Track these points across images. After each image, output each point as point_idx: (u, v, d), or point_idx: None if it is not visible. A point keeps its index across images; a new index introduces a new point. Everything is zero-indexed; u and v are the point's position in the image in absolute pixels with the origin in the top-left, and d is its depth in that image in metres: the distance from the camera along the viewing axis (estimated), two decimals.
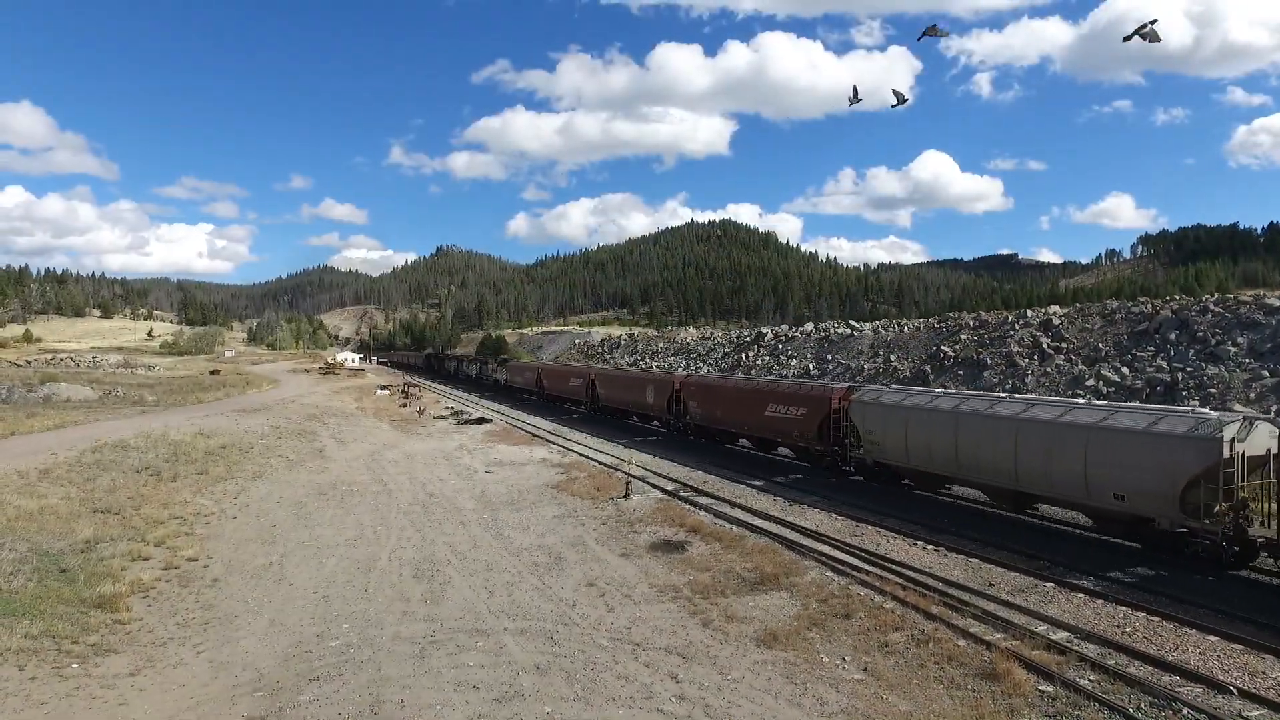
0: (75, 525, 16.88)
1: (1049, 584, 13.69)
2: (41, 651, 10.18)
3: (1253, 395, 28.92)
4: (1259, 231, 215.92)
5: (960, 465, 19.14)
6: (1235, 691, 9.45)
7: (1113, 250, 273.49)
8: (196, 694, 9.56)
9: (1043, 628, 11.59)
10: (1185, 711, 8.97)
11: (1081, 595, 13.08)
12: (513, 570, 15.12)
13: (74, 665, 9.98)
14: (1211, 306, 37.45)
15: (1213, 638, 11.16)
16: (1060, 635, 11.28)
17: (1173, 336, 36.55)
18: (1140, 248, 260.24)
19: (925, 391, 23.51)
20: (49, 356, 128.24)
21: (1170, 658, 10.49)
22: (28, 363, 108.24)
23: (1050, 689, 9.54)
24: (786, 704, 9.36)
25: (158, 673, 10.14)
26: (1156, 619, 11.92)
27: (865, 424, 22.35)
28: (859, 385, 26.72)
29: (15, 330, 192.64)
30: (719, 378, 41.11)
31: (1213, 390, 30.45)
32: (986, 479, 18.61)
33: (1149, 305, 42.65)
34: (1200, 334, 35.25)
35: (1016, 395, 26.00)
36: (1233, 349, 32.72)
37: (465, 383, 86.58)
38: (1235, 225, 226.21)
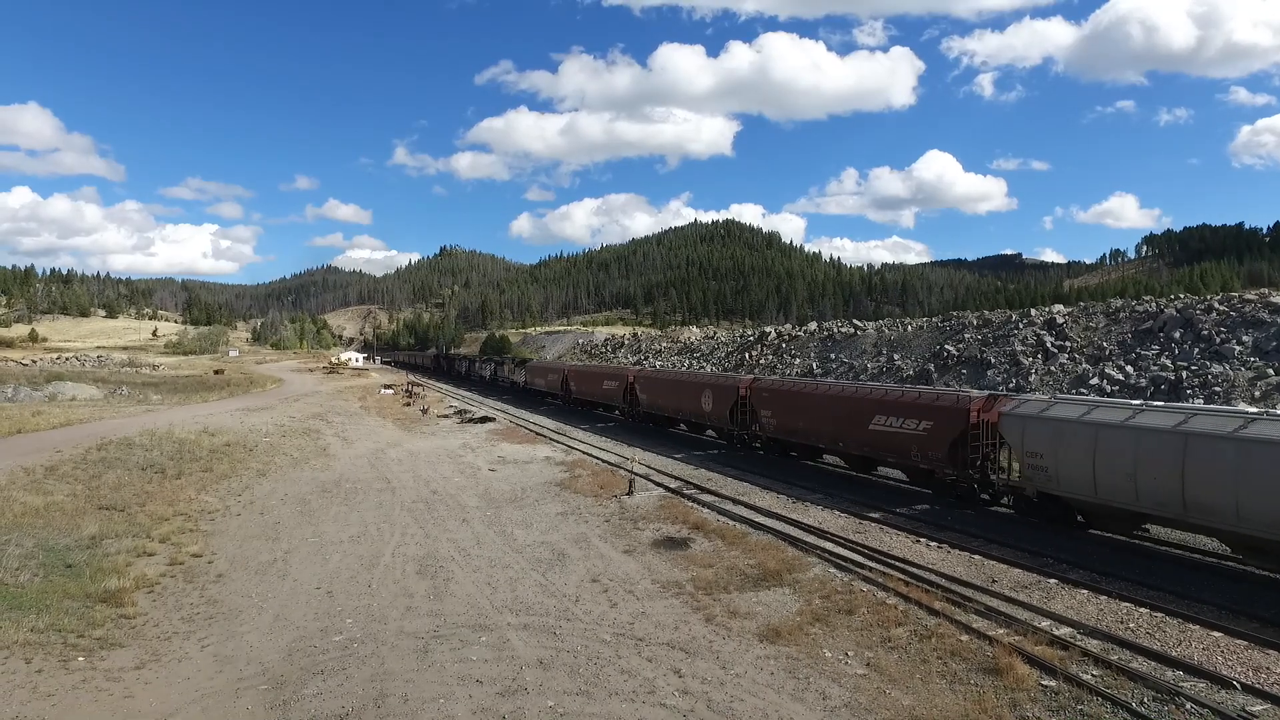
0: (81, 521, 16.96)
1: (1052, 580, 13.68)
2: (48, 645, 10.24)
3: (1258, 393, 28.84)
4: (1264, 231, 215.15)
5: (1190, 505, 14.04)
6: (1239, 686, 9.44)
7: (1117, 250, 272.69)
8: (201, 687, 9.61)
9: (1045, 623, 11.58)
10: (1189, 706, 8.95)
11: (1084, 591, 13.07)
12: (516, 566, 15.16)
13: (80, 659, 10.04)
14: (1216, 305, 37.36)
15: (1216, 634, 11.14)
16: (1063, 631, 11.27)
17: (1177, 335, 36.47)
18: (1145, 248, 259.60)
19: (1115, 403, 18.02)
20: (54, 356, 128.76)
21: (1174, 653, 10.48)
22: (33, 362, 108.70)
23: (1053, 684, 9.53)
24: (789, 698, 9.37)
25: (163, 666, 10.20)
26: (1160, 615, 11.90)
27: (1026, 443, 17.60)
28: (1006, 394, 22.80)
29: (21, 330, 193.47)
30: (801, 382, 32.69)
31: (1217, 389, 30.38)
32: (1245, 527, 13.36)
33: (1153, 304, 42.57)
34: (1205, 332, 35.17)
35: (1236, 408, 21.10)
36: (1238, 347, 32.65)
37: (478, 385, 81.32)
38: (1240, 225, 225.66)
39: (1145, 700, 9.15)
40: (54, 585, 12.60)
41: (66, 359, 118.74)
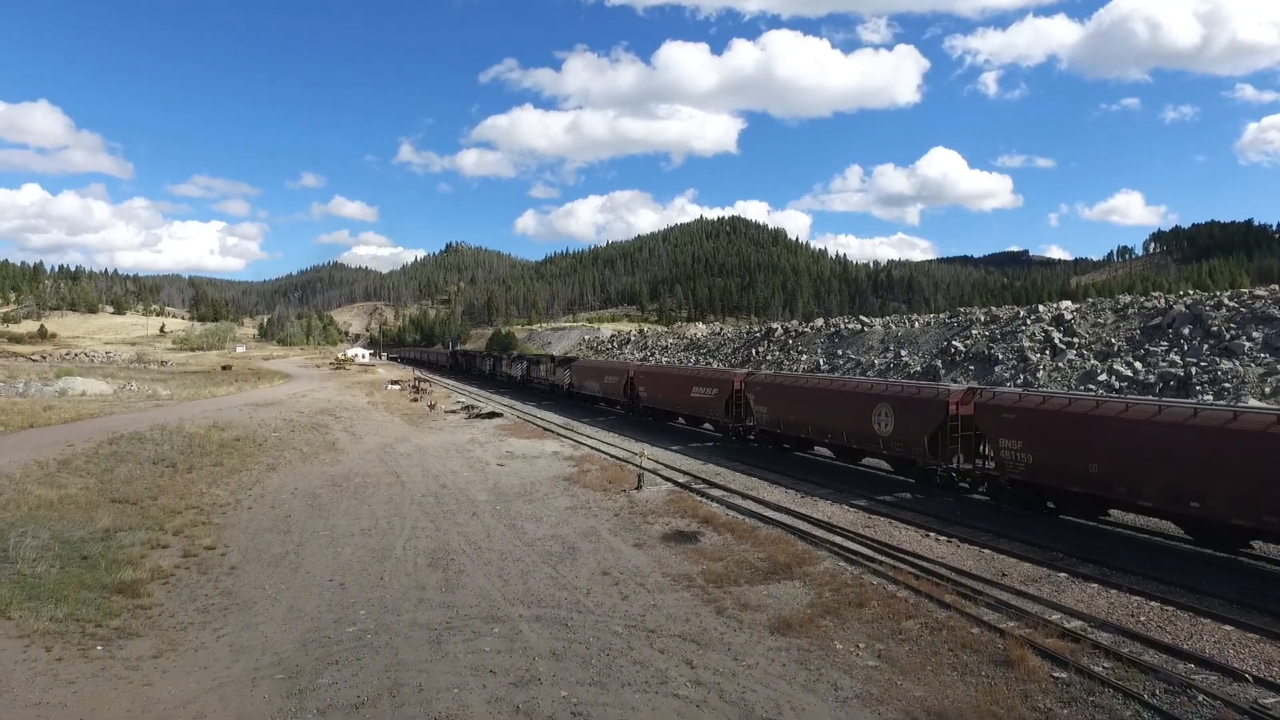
0: (95, 514, 17.10)
1: (1062, 574, 13.69)
2: (67, 634, 10.36)
3: (1268, 390, 28.74)
4: (1274, 228, 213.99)
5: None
6: (1251, 679, 9.45)
7: (1125, 247, 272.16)
8: (219, 675, 9.70)
9: (1056, 616, 11.60)
10: (1201, 699, 8.97)
11: (1095, 585, 13.08)
12: (527, 560, 15.23)
13: (99, 647, 10.15)
14: (1226, 301, 37.22)
15: (1228, 627, 11.15)
16: (1074, 624, 11.30)
17: (1186, 331, 36.34)
18: (1153, 244, 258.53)
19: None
20: (64, 352, 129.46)
21: (1185, 646, 10.49)
22: (43, 357, 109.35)
23: (1064, 676, 9.57)
24: (801, 689, 9.42)
25: (180, 655, 10.30)
26: (1171, 608, 11.91)
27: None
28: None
29: (30, 326, 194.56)
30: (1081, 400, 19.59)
31: (1227, 385, 30.28)
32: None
33: (1162, 300, 42.42)
34: (1214, 329, 35.04)
35: None
36: (1248, 343, 32.52)
37: (507, 388, 69.79)
38: (1250, 222, 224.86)
39: (1157, 692, 9.18)
40: (71, 576, 12.72)
41: (76, 355, 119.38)
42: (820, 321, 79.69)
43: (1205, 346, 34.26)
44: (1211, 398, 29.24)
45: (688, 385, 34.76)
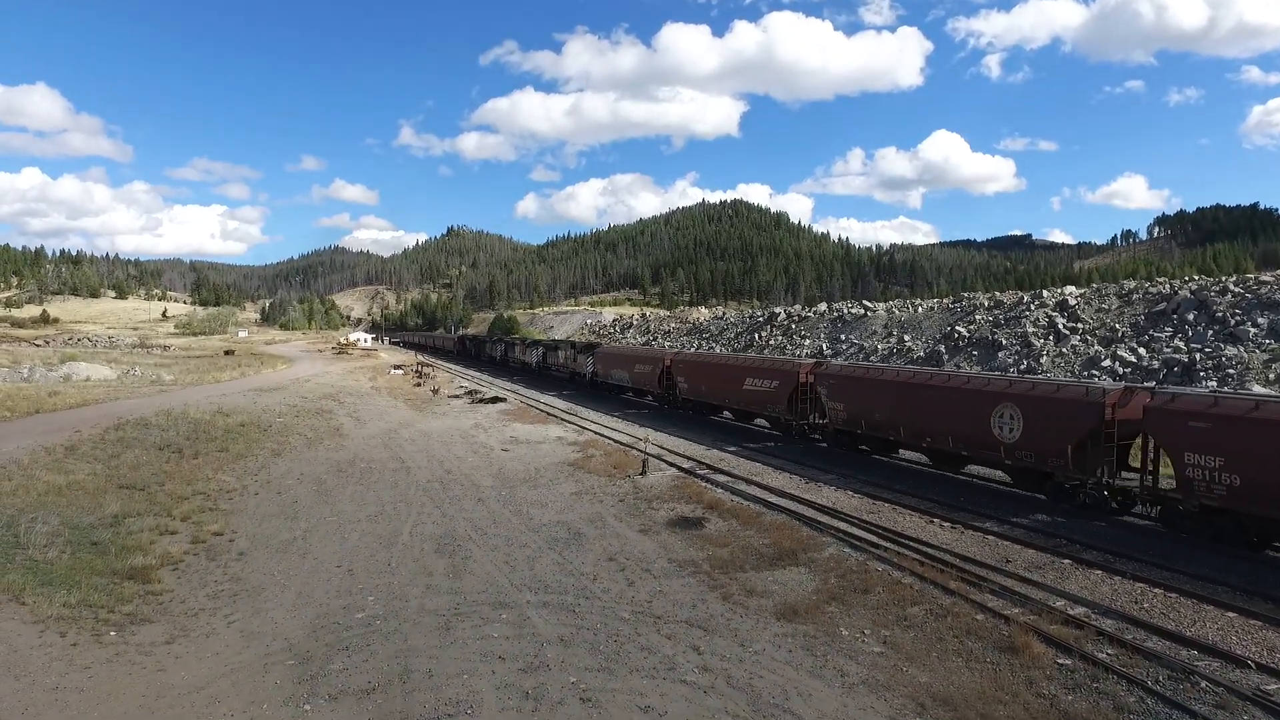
0: (103, 500, 17.20)
1: (1066, 561, 13.77)
2: (80, 620, 10.46)
3: (1272, 375, 28.71)
4: (1279, 211, 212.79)
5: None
6: (1254, 665, 9.53)
7: (1129, 231, 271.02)
8: (230, 661, 9.80)
9: (1060, 603, 11.68)
10: (1204, 685, 9.05)
11: (1099, 572, 13.15)
12: (533, 545, 15.33)
13: (112, 633, 10.25)
14: (1231, 287, 37.10)
15: (1231, 614, 11.22)
16: (1078, 610, 11.38)
17: (1191, 317, 36.26)
18: (1157, 228, 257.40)
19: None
20: (66, 337, 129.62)
21: (1188, 632, 10.57)
22: (47, 342, 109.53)
23: (1069, 662, 9.65)
24: (808, 675, 9.51)
25: (192, 641, 10.40)
26: (1174, 595, 11.98)
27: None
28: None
29: (32, 311, 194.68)
30: None
31: (1231, 371, 30.25)
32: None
33: (1167, 285, 42.29)
34: (1219, 314, 34.96)
35: None
36: (1252, 329, 32.45)
37: (520, 374, 65.61)
38: (1255, 205, 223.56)
39: (1160, 679, 9.26)
40: (82, 562, 12.82)
41: (79, 340, 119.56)
42: (823, 306, 79.57)
43: (1210, 332, 34.20)
44: (1215, 384, 29.23)
45: (739, 376, 30.42)
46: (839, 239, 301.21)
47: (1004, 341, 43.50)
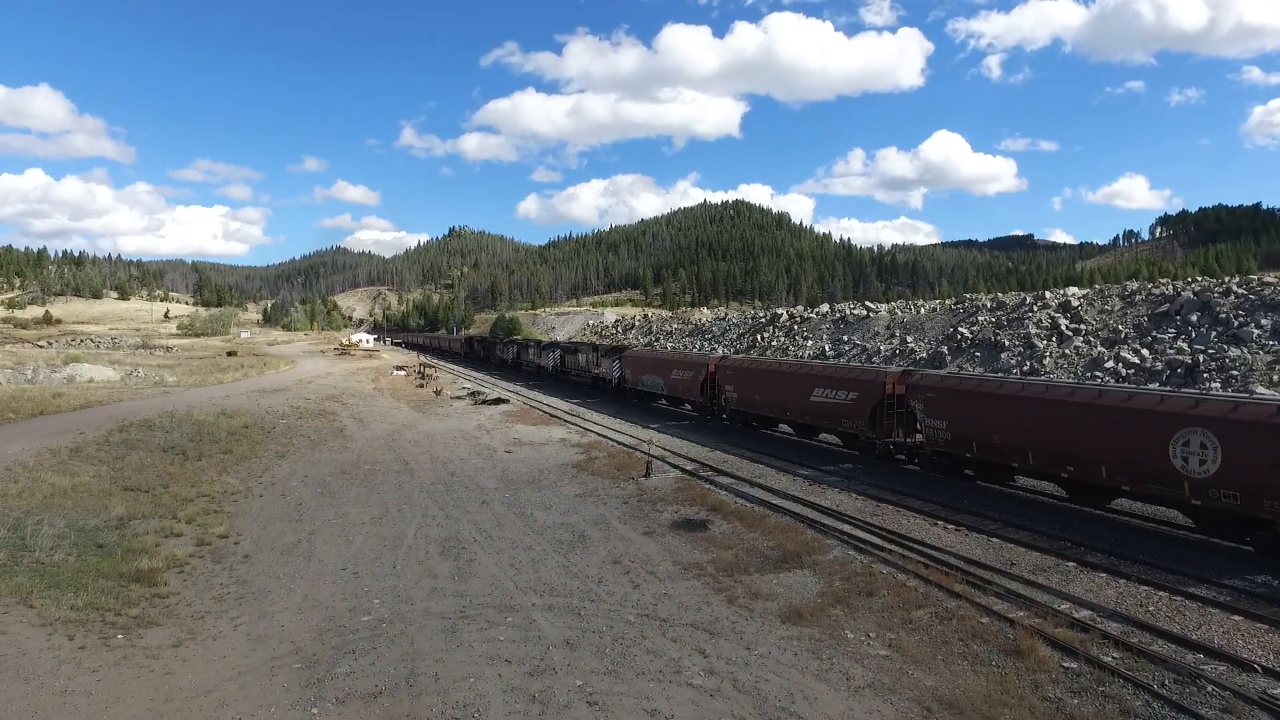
0: (108, 502, 17.23)
1: (1070, 564, 13.77)
2: (88, 623, 10.49)
3: (1275, 377, 28.69)
4: None
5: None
6: (1260, 669, 9.53)
7: (1131, 231, 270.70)
8: (237, 665, 9.83)
9: (1065, 606, 11.68)
10: (1210, 689, 9.06)
11: (1104, 575, 13.15)
12: (538, 548, 15.35)
13: (119, 636, 10.28)
14: (1235, 288, 37.07)
15: (1237, 617, 11.22)
16: (1083, 614, 11.38)
17: (1194, 318, 36.23)
18: (1160, 229, 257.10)
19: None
20: (69, 338, 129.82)
21: (1194, 636, 10.57)
22: (50, 343, 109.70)
23: (1074, 665, 9.65)
24: (814, 678, 9.52)
25: (199, 644, 10.42)
26: (1180, 598, 11.99)
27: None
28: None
29: (35, 311, 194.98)
30: None
31: (1235, 372, 30.23)
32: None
33: (1170, 286, 42.25)
34: (1223, 316, 34.93)
35: None
36: (1256, 331, 32.43)
37: (537, 379, 61.44)
38: (1258, 205, 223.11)
39: (1166, 682, 9.26)
40: (88, 565, 12.85)
41: (81, 341, 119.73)
42: (825, 307, 79.56)
43: (1213, 334, 34.17)
44: (1219, 386, 29.21)
45: (804, 386, 26.56)
46: (840, 239, 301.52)
47: (1007, 343, 43.49)
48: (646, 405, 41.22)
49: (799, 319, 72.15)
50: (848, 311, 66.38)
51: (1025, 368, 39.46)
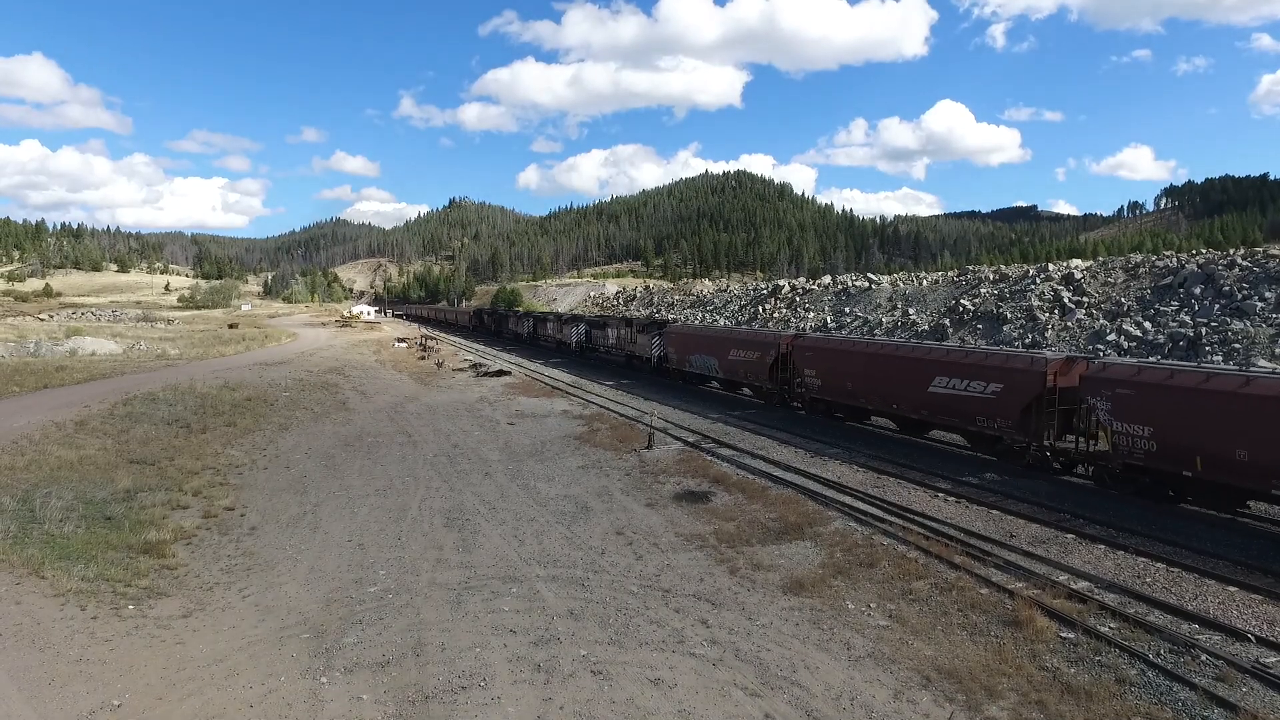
0: (114, 475, 17.40)
1: (1069, 536, 13.89)
2: (99, 594, 10.65)
3: (1278, 350, 28.67)
4: None
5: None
6: (1254, 639, 9.67)
7: (1135, 202, 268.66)
8: (247, 635, 9.99)
9: (1063, 577, 11.82)
10: (1204, 658, 9.19)
11: (1101, 546, 13.27)
12: (541, 519, 15.49)
13: (130, 607, 10.44)
14: (1239, 260, 36.89)
15: (1232, 588, 11.35)
16: (1081, 585, 11.51)
17: (1198, 291, 36.12)
18: (1165, 200, 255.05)
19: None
20: (70, 311, 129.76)
21: (1190, 607, 10.70)
22: (51, 316, 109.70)
23: (1072, 636, 9.79)
24: (815, 648, 9.67)
25: (208, 615, 10.59)
26: (1176, 570, 12.11)
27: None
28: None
29: (35, 284, 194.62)
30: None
31: (1237, 345, 30.21)
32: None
33: (1174, 259, 42.05)
34: (1226, 288, 34.81)
35: None
36: (1259, 303, 32.34)
37: (558, 355, 56.78)
38: (1265, 176, 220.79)
39: (1162, 652, 9.40)
40: (97, 536, 13.01)
41: (82, 314, 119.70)
42: (828, 279, 79.29)
43: (1216, 306, 34.08)
44: (1221, 359, 29.20)
45: (921, 373, 21.65)
46: (843, 210, 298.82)
47: (1009, 315, 43.41)
48: (692, 389, 36.25)
49: (801, 291, 71.94)
50: (850, 283, 66.17)
51: (1028, 340, 39.43)
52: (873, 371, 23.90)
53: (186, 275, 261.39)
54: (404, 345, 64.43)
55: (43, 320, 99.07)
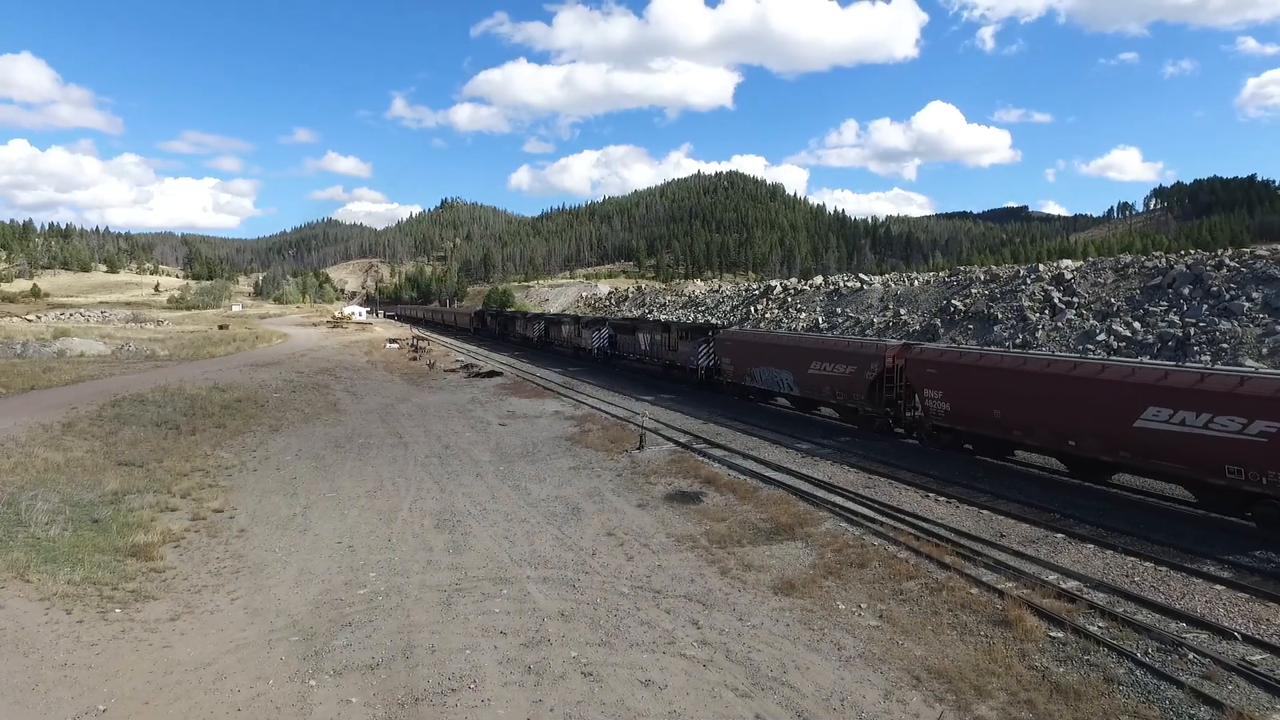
0: (102, 477, 17.27)
1: (1059, 535, 13.93)
2: (85, 597, 10.56)
3: (1265, 350, 28.87)
4: (1276, 184, 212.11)
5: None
6: (1240, 637, 9.72)
7: (1125, 203, 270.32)
8: (235, 638, 9.92)
9: (1053, 577, 11.85)
10: (1191, 656, 9.24)
11: (1090, 546, 13.32)
12: (532, 520, 15.46)
13: (117, 610, 10.36)
14: (1227, 261, 37.13)
15: (1219, 587, 11.41)
16: (1070, 584, 11.55)
17: (1186, 291, 36.33)
18: (1154, 200, 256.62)
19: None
20: (58, 312, 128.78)
21: (1177, 605, 10.76)
22: (39, 318, 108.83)
23: (1061, 635, 9.83)
24: (805, 649, 9.68)
25: (196, 618, 10.52)
26: (1164, 569, 12.16)
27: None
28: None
29: (23, 285, 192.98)
30: None
31: (1225, 345, 30.41)
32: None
33: (1163, 259, 42.29)
34: (1215, 289, 35.03)
35: None
36: (1247, 304, 32.55)
37: (577, 363, 50.00)
38: (1253, 177, 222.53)
39: (1149, 651, 9.44)
40: (84, 539, 12.90)
41: (70, 315, 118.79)
42: (819, 279, 79.45)
43: (1205, 307, 34.28)
44: (1210, 359, 29.38)
45: (1118, 399, 15.70)
46: (834, 211, 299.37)
47: (1000, 315, 43.56)
48: (752, 404, 30.55)
49: (793, 291, 72.03)
50: (842, 283, 66.29)
51: (1018, 341, 39.59)
52: (1037, 397, 17.76)
53: (177, 276, 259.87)
54: (395, 346, 64.22)
55: (30, 321, 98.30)
